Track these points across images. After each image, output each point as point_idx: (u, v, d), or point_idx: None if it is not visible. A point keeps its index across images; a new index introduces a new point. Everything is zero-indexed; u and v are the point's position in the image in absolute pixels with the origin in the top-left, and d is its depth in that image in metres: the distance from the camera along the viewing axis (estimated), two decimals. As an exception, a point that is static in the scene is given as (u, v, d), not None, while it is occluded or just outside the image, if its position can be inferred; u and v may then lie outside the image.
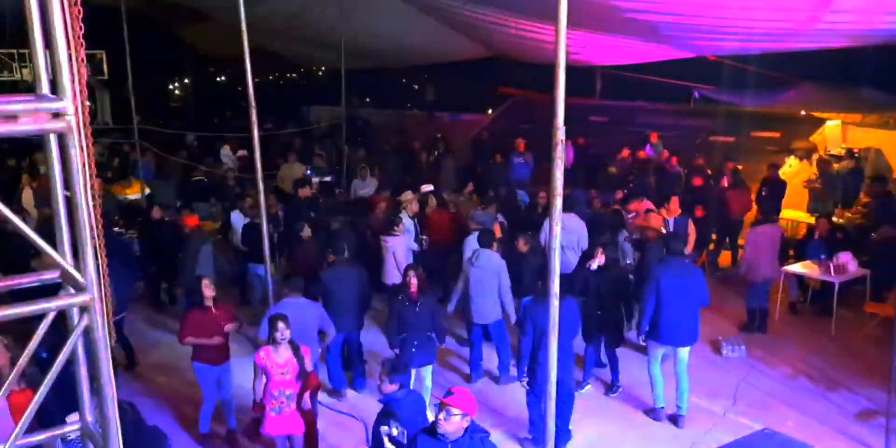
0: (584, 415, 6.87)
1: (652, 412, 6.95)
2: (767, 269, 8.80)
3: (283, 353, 5.56)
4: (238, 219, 9.80)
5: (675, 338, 6.75)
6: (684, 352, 6.80)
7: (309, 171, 14.41)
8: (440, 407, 3.95)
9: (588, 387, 7.48)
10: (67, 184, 2.14)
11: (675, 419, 6.81)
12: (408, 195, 10.26)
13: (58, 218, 2.22)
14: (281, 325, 5.54)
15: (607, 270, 7.30)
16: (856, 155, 12.88)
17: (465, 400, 3.99)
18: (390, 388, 4.67)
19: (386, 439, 4.24)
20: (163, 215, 9.93)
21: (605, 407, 7.10)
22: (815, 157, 13.47)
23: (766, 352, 8.31)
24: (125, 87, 12.76)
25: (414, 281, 6.73)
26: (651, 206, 9.65)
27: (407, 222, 9.26)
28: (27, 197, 11.94)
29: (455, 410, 3.91)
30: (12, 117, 1.98)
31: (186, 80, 35.97)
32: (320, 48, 16.63)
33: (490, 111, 21.35)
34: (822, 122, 14.04)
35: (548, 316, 6.36)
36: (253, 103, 7.52)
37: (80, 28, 2.32)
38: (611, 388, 7.47)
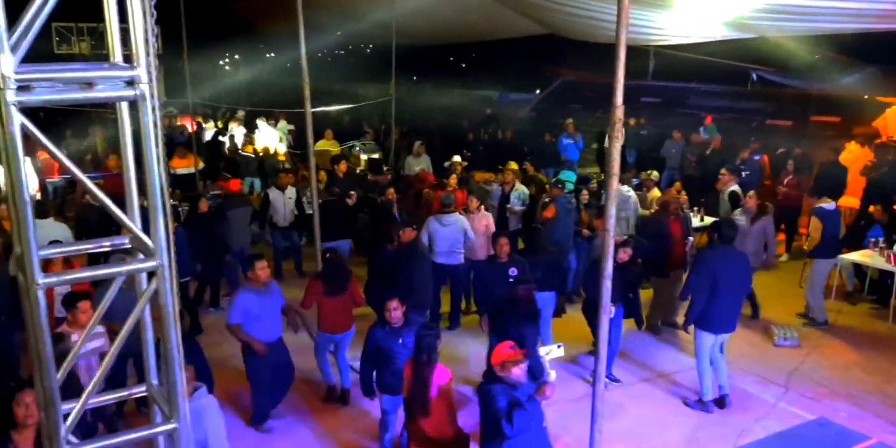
0: (631, 398, 6.83)
1: (702, 404, 6.66)
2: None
3: None
4: (275, 195, 9.69)
5: (724, 326, 6.55)
6: (725, 337, 6.64)
7: (358, 148, 14.45)
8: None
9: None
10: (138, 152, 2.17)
11: (721, 401, 6.63)
12: (512, 164, 10.71)
13: (128, 184, 2.25)
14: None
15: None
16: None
17: None
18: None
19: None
20: (209, 208, 9.05)
21: (652, 392, 7.02)
22: (876, 142, 13.05)
23: (819, 341, 8.13)
24: (180, 61, 12.87)
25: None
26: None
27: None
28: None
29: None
30: (89, 84, 2.02)
31: (237, 56, 36.48)
32: (371, 25, 16.56)
33: (538, 91, 21.14)
34: (885, 106, 13.58)
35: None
36: (307, 79, 7.56)
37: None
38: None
